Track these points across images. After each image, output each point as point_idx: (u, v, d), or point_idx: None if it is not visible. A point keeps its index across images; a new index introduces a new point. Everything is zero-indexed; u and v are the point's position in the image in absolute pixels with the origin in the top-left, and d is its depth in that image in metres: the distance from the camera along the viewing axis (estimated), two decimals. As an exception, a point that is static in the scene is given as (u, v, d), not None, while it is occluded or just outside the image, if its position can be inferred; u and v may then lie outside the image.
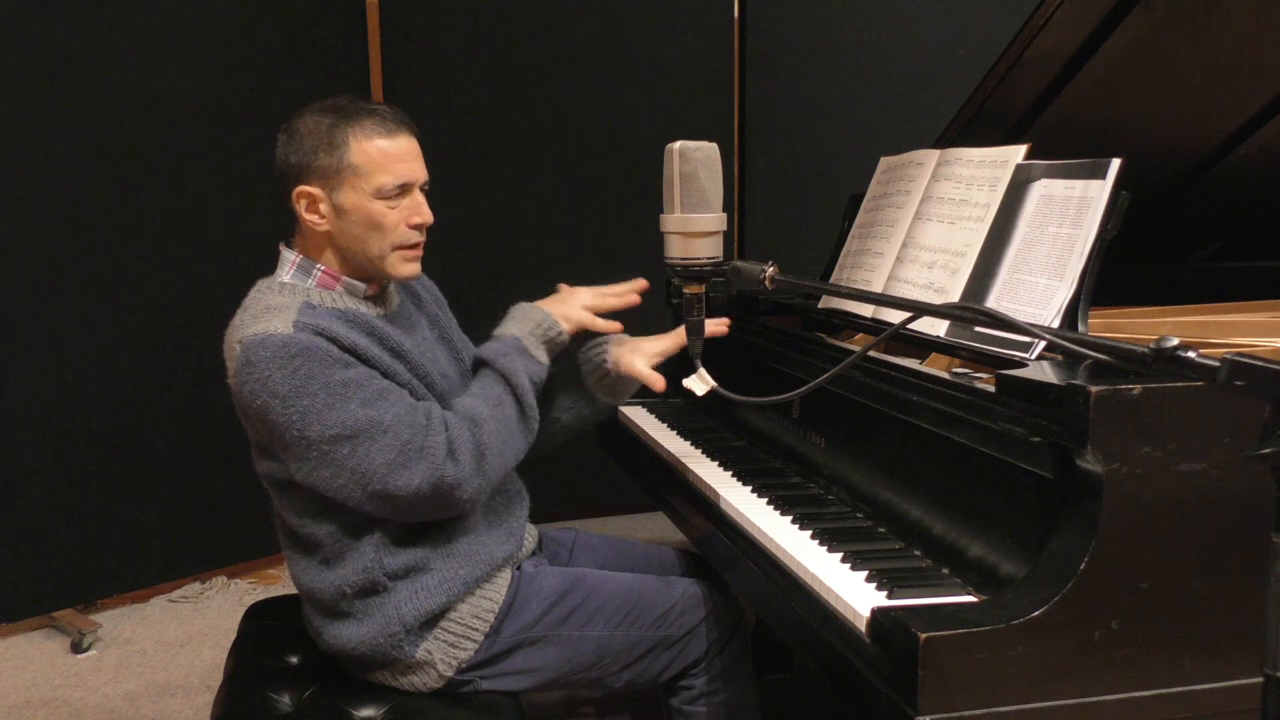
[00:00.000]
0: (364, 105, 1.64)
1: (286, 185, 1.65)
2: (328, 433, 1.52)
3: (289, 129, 1.64)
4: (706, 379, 1.65)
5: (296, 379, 1.51)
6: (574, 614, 1.73)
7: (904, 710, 1.17)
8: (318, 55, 3.42)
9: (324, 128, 1.60)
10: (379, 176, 1.60)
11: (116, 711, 2.61)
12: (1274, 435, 0.82)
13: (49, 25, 2.91)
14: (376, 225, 1.62)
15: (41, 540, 3.02)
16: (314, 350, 1.52)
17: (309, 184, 1.61)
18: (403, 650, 1.64)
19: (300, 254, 1.68)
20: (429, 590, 1.64)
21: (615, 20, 3.74)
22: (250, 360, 1.53)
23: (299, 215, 1.65)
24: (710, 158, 1.55)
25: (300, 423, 1.51)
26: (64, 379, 3.02)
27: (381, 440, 1.53)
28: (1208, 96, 1.99)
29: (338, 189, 1.60)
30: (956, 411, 1.42)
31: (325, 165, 1.60)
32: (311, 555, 1.65)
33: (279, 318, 1.55)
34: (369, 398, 1.55)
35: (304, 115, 1.65)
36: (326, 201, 1.61)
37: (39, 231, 2.95)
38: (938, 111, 2.32)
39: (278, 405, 1.51)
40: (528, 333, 1.75)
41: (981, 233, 1.69)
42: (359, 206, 1.61)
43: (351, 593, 1.63)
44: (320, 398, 1.52)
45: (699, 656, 1.78)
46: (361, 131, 1.60)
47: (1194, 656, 1.24)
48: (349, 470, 1.54)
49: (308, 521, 1.63)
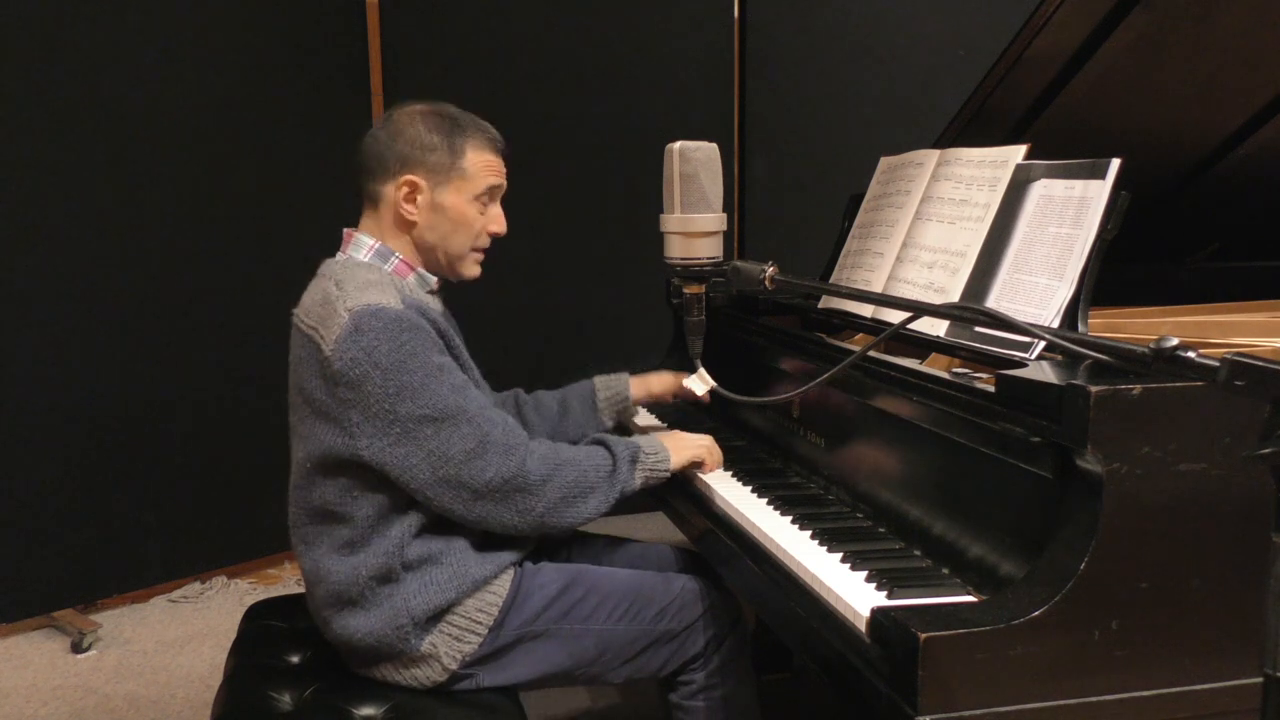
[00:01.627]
0: (474, 118, 1.79)
1: (383, 172, 1.73)
2: (417, 411, 1.58)
3: (391, 122, 1.75)
4: (706, 379, 1.65)
5: (401, 354, 1.58)
6: (575, 608, 1.75)
7: (904, 710, 1.17)
8: (318, 55, 3.42)
9: (444, 130, 1.74)
10: (481, 183, 1.76)
11: (116, 711, 2.61)
12: (1274, 435, 0.82)
13: (49, 26, 2.91)
14: (467, 225, 1.76)
15: (41, 540, 3.02)
16: (421, 330, 1.61)
17: (416, 175, 1.72)
18: (408, 643, 1.66)
19: (378, 240, 1.76)
20: (438, 584, 1.67)
21: (615, 20, 3.74)
22: (359, 328, 1.58)
23: (393, 202, 1.74)
24: (710, 158, 1.55)
25: (394, 397, 1.57)
26: (65, 379, 3.03)
27: (465, 429, 1.61)
28: (1208, 96, 1.99)
29: (441, 186, 1.73)
30: (956, 411, 1.42)
31: (437, 163, 1.72)
32: (336, 538, 1.67)
33: (386, 293, 1.63)
34: (458, 385, 1.64)
35: (411, 113, 1.75)
36: (426, 195, 1.73)
37: (40, 232, 2.95)
38: (938, 111, 2.32)
39: (377, 376, 1.57)
40: (648, 457, 1.80)
41: (981, 233, 1.69)
42: (456, 205, 1.74)
43: (366, 579, 1.65)
44: (418, 376, 1.59)
45: (698, 651, 1.80)
46: (476, 142, 1.76)
47: (1194, 656, 1.24)
48: (426, 451, 1.60)
49: (347, 500, 1.65)
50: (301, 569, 1.75)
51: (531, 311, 3.74)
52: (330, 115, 3.45)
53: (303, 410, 1.67)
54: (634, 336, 3.47)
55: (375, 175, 1.74)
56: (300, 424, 1.69)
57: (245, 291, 3.32)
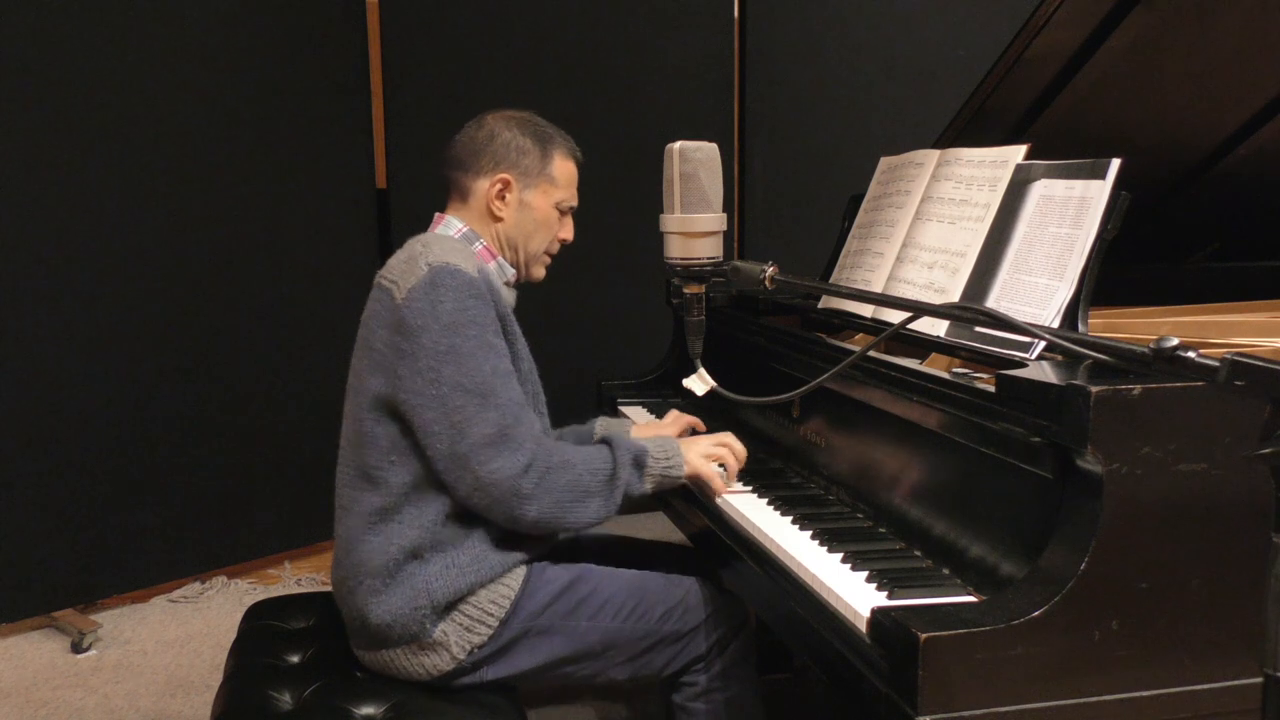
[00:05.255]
0: (561, 132, 1.91)
1: (477, 167, 1.84)
2: (456, 377, 1.64)
3: (486, 124, 1.86)
4: (706, 379, 1.65)
5: (462, 317, 1.65)
6: (581, 605, 1.76)
7: (904, 710, 1.17)
8: (318, 55, 3.42)
9: (537, 136, 1.86)
10: (565, 191, 1.90)
11: (116, 711, 2.61)
12: (1274, 435, 0.82)
13: (49, 26, 2.90)
14: (548, 227, 1.89)
15: (41, 540, 3.02)
16: (486, 302, 1.69)
17: (509, 174, 1.84)
18: (423, 627, 1.68)
19: (468, 226, 1.85)
20: (460, 568, 1.69)
21: (615, 20, 3.74)
22: (435, 282, 1.65)
23: (484, 196, 1.84)
24: (710, 158, 1.55)
25: (443, 356, 1.64)
26: (64, 379, 3.02)
27: (491, 413, 1.65)
28: (1208, 96, 1.99)
29: (530, 188, 1.85)
30: (956, 411, 1.42)
31: (530, 166, 1.85)
32: (370, 505, 1.70)
33: (468, 262, 1.70)
34: (501, 369, 1.69)
35: (506, 118, 1.87)
36: (516, 194, 1.85)
37: (40, 232, 2.95)
38: (938, 111, 2.32)
39: (435, 329, 1.64)
40: (656, 461, 1.79)
41: (981, 233, 1.69)
42: (542, 207, 1.87)
43: (396, 553, 1.68)
44: (470, 344, 1.65)
45: (702, 654, 1.80)
46: (564, 152, 1.90)
47: (1194, 656, 1.24)
48: (450, 420, 1.64)
49: (384, 465, 1.70)
50: (336, 537, 1.78)
51: (531, 311, 3.73)
52: (330, 115, 3.45)
53: (361, 364, 1.74)
54: (634, 336, 3.47)
55: (469, 170, 1.84)
56: (355, 379, 1.75)
57: (245, 292, 3.32)
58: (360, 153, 3.57)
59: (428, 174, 3.66)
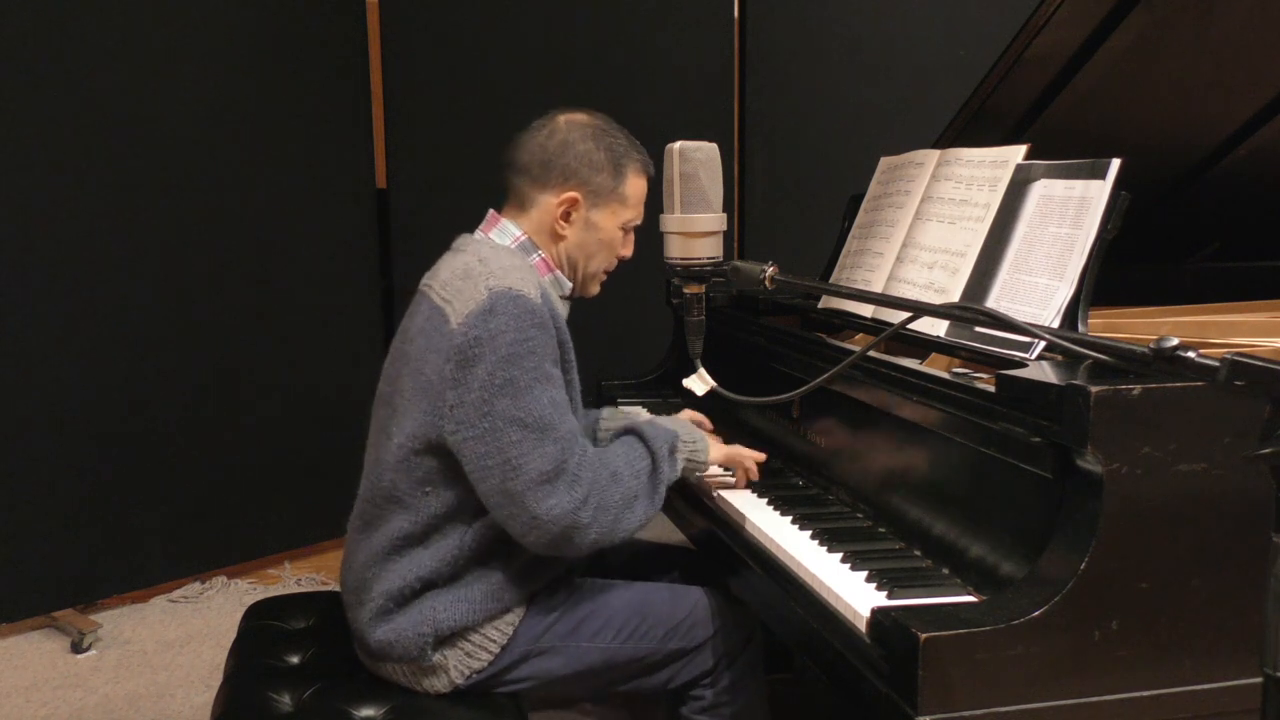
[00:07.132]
0: (633, 140, 1.78)
1: (545, 179, 1.71)
2: (510, 411, 1.54)
3: (559, 130, 1.73)
4: (706, 379, 1.65)
5: (522, 348, 1.55)
6: (582, 625, 1.72)
7: (904, 710, 1.17)
8: (318, 55, 3.42)
9: (612, 151, 1.73)
10: (634, 211, 1.77)
11: (116, 711, 2.61)
12: (1274, 435, 0.82)
13: (49, 26, 2.90)
14: (611, 247, 1.78)
15: (41, 540, 3.02)
16: (547, 331, 1.60)
17: (578, 193, 1.71)
18: (424, 653, 1.64)
19: (526, 234, 1.74)
20: (471, 602, 1.64)
21: (615, 20, 3.74)
22: (494, 309, 1.55)
23: (549, 211, 1.72)
24: (710, 158, 1.55)
25: (498, 389, 1.54)
26: (65, 379, 3.02)
27: (549, 447, 1.56)
28: (1208, 96, 1.99)
29: (598, 207, 1.73)
30: (956, 411, 1.42)
31: (601, 185, 1.72)
32: (395, 527, 1.64)
33: (528, 284, 1.60)
34: (558, 401, 1.60)
35: (580, 125, 1.74)
36: (582, 213, 1.73)
37: (41, 232, 2.95)
38: (938, 111, 2.31)
39: (491, 359, 1.54)
40: (684, 444, 1.74)
41: (981, 233, 1.69)
42: (608, 228, 1.75)
43: (413, 580, 1.63)
44: (527, 377, 1.55)
45: (709, 669, 1.75)
46: (637, 168, 1.76)
47: (1194, 656, 1.24)
48: (503, 456, 1.55)
49: (418, 494, 1.63)
50: (350, 540, 1.72)
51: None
52: (330, 116, 3.45)
53: (403, 382, 1.64)
54: (634, 336, 3.47)
55: (535, 179, 1.72)
56: (395, 395, 1.66)
57: (245, 292, 3.31)
58: (360, 153, 3.56)
59: (428, 174, 3.69)
